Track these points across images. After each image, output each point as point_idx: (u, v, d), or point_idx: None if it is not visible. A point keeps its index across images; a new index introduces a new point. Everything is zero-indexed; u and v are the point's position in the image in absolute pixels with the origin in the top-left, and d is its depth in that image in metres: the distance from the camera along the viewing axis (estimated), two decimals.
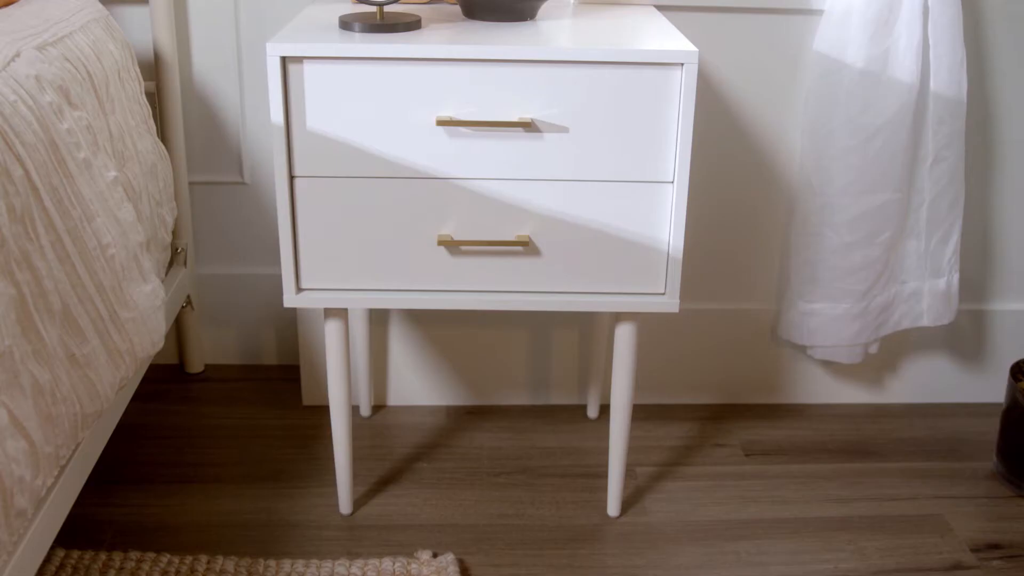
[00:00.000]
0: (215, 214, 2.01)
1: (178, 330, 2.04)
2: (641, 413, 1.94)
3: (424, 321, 1.91)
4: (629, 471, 1.75)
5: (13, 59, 1.28)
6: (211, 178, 1.98)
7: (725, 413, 1.96)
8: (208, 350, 2.10)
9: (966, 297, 1.96)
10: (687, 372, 1.97)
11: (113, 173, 1.40)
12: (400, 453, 1.81)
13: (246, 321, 2.08)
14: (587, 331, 1.93)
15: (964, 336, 1.99)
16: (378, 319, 1.91)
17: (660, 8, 1.73)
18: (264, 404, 1.97)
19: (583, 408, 1.97)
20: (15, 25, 1.40)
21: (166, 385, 2.02)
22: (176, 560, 1.49)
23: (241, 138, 1.94)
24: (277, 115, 1.34)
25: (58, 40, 1.42)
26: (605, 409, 1.92)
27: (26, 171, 1.19)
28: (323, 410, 1.92)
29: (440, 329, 1.92)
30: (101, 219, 1.33)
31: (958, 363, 2.01)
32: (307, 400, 1.96)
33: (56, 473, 1.24)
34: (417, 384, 1.95)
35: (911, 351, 1.99)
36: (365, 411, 1.93)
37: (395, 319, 1.91)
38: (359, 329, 1.86)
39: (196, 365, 2.08)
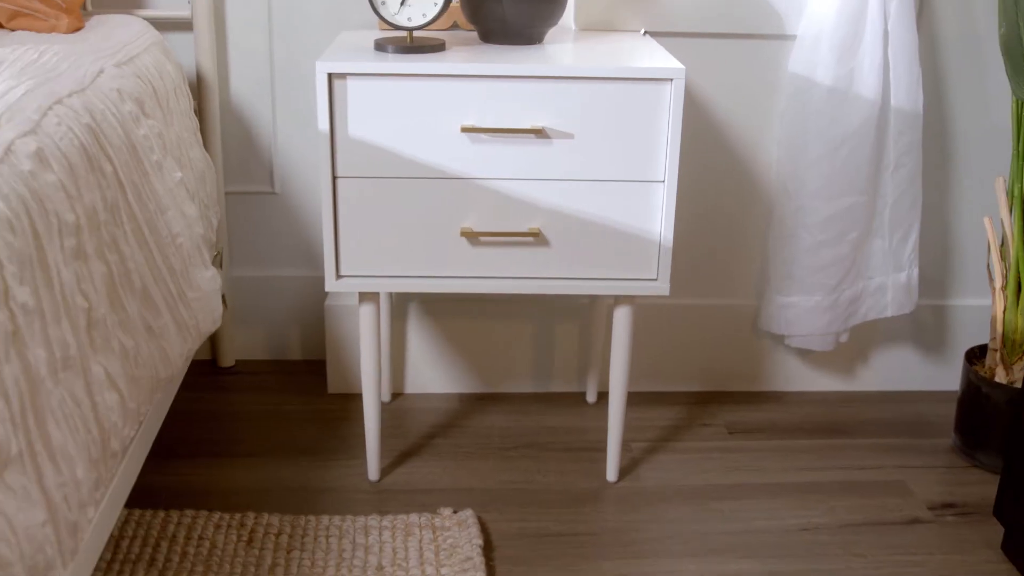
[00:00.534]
0: (247, 221, 2.22)
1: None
2: (635, 398, 2.15)
3: (438, 315, 2.13)
4: (625, 446, 1.96)
5: (99, 75, 1.50)
6: (244, 188, 2.19)
7: (711, 398, 2.18)
8: (239, 347, 2.30)
9: (928, 293, 2.18)
10: (677, 361, 2.19)
11: (178, 174, 1.62)
12: (419, 432, 2.02)
13: (274, 320, 2.28)
14: (586, 324, 2.15)
15: (926, 329, 2.22)
16: (397, 314, 2.12)
17: (651, 34, 1.96)
18: (291, 393, 2.17)
19: (583, 394, 2.18)
20: (94, 47, 1.62)
21: (200, 378, 2.22)
22: (227, 516, 1.69)
23: (272, 152, 2.16)
24: (324, 123, 1.56)
25: (129, 60, 1.64)
26: (603, 396, 2.13)
27: (114, 168, 1.40)
28: (347, 397, 2.13)
29: (452, 323, 2.13)
30: (172, 212, 1.55)
31: (921, 354, 2.23)
32: (332, 388, 2.17)
33: (136, 427, 1.44)
34: (432, 373, 2.16)
35: (879, 343, 2.21)
36: (385, 397, 2.13)
37: (412, 314, 2.13)
38: (381, 323, 2.06)
39: (228, 360, 2.28)
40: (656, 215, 1.64)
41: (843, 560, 1.66)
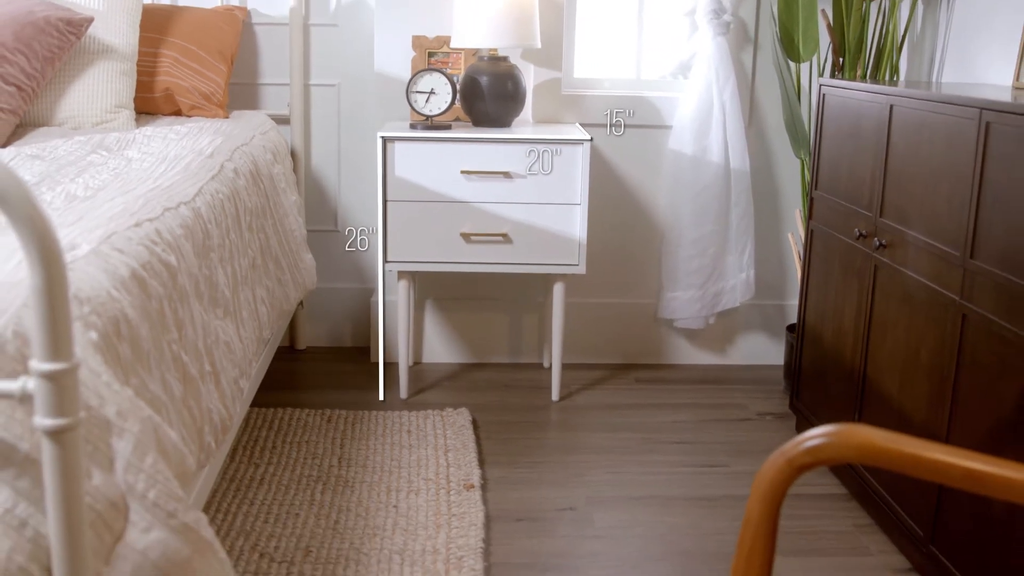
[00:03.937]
0: (317, 248, 3.14)
1: (291, 321, 3.14)
2: (572, 367, 3.03)
3: (445, 309, 3.03)
4: (564, 386, 2.84)
5: (252, 138, 2.44)
6: (317, 227, 3.12)
7: (626, 367, 3.06)
8: (309, 336, 3.19)
9: (769, 296, 3.09)
10: (601, 342, 3.08)
11: (294, 198, 2.56)
12: (431, 380, 2.89)
13: (333, 318, 3.18)
14: (542, 315, 3.04)
15: (771, 322, 3.11)
16: (418, 307, 3.02)
17: (582, 124, 2.92)
18: (346, 362, 3.05)
19: (540, 363, 3.06)
20: (244, 126, 2.58)
21: (283, 354, 3.10)
22: (314, 411, 2.56)
23: (337, 203, 3.09)
24: (379, 168, 2.50)
25: (264, 133, 2.59)
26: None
27: (264, 187, 2.34)
28: (385, 364, 3.01)
29: (454, 314, 3.03)
30: (291, 218, 2.47)
31: (767, 337, 3.12)
32: (373, 358, 3.05)
33: (271, 334, 2.33)
34: (440, 348, 3.05)
35: (740, 331, 3.10)
36: (409, 363, 3.01)
37: (428, 307, 3.03)
38: (408, 311, 2.96)
39: (302, 344, 3.17)
40: (576, 224, 2.56)
41: (696, 435, 2.53)
